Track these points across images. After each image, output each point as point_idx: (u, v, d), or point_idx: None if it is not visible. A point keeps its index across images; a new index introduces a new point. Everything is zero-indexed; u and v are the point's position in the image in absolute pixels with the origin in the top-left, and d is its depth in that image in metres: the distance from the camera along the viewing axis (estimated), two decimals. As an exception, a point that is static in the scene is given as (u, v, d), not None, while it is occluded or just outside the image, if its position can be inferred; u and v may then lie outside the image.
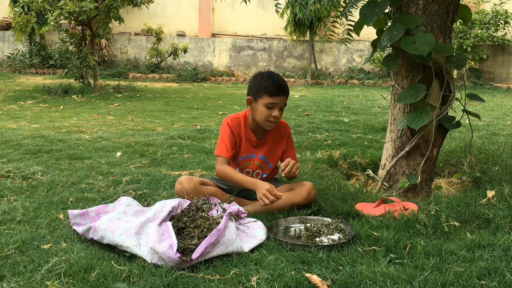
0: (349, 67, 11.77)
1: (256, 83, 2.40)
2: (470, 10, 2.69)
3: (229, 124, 2.47)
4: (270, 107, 2.37)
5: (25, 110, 6.17)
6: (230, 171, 2.36)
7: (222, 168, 2.38)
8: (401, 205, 2.26)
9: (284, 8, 9.74)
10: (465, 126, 3.93)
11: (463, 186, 2.85)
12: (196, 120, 5.45)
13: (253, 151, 2.52)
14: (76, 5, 7.26)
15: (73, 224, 2.08)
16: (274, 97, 2.36)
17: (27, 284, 1.61)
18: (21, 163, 3.27)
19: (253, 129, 2.51)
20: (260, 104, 2.38)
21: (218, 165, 2.40)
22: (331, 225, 2.11)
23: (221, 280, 1.64)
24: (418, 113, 2.42)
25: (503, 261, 1.78)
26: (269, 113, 2.38)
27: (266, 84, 2.36)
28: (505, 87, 10.10)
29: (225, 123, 2.48)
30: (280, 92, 2.37)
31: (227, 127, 2.46)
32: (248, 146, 2.51)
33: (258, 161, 2.53)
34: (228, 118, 2.50)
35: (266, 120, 2.40)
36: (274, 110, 2.38)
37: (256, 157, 2.53)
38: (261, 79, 2.40)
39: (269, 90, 2.35)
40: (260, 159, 2.53)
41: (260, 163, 2.54)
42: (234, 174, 2.35)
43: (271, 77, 2.39)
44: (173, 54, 11.36)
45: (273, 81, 2.37)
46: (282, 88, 2.38)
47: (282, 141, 2.57)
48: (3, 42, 12.92)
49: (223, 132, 2.46)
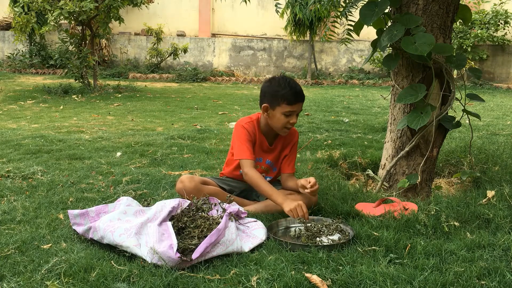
0: (349, 67, 11.77)
1: (273, 91, 2.36)
2: (470, 10, 2.69)
3: (245, 128, 2.43)
4: (288, 115, 2.36)
5: (25, 110, 6.17)
6: (260, 178, 2.29)
7: (251, 172, 2.31)
8: (401, 205, 2.26)
9: (284, 8, 9.74)
10: (465, 126, 3.93)
11: (463, 186, 2.85)
12: (196, 120, 5.45)
13: (262, 155, 2.51)
14: (76, 5, 7.26)
15: (73, 224, 2.08)
16: (293, 105, 2.34)
17: (27, 284, 1.61)
18: (21, 163, 3.27)
19: (264, 134, 2.49)
20: (278, 112, 2.35)
21: (246, 168, 2.32)
22: (331, 225, 2.11)
23: (221, 280, 1.64)
24: (418, 113, 2.42)
25: (503, 261, 1.78)
26: (287, 121, 2.36)
27: (284, 92, 2.32)
28: (505, 87, 10.10)
29: (241, 126, 2.43)
30: (299, 100, 2.36)
31: (244, 130, 2.42)
32: (259, 150, 2.49)
33: (265, 166, 2.53)
34: (243, 121, 2.46)
35: (283, 127, 2.39)
36: (292, 118, 2.37)
37: (263, 162, 2.52)
38: (278, 86, 2.35)
39: (288, 99, 2.32)
40: (267, 164, 2.53)
41: (267, 167, 2.53)
42: (263, 183, 2.27)
43: (288, 84, 2.34)
44: (173, 54, 11.35)
45: (291, 89, 2.33)
46: (300, 95, 2.36)
47: (289, 146, 2.56)
48: (3, 42, 12.92)
49: (241, 135, 2.41)
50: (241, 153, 2.36)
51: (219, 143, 4.11)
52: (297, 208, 2.11)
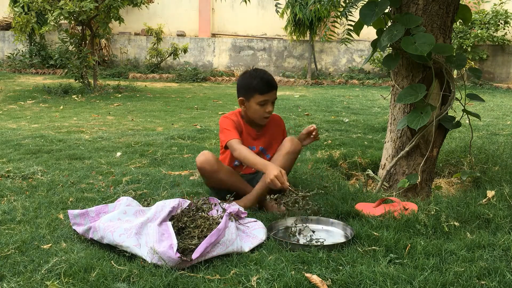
0: (349, 67, 11.77)
1: (246, 83, 2.50)
2: (470, 10, 2.70)
3: (229, 117, 2.54)
4: (263, 104, 2.48)
5: (25, 110, 6.17)
6: (247, 150, 2.35)
7: (239, 146, 2.36)
8: (401, 205, 2.26)
9: (284, 8, 9.74)
10: (465, 126, 3.92)
11: (463, 186, 2.85)
12: (196, 120, 5.45)
13: (253, 143, 2.57)
14: (76, 5, 7.26)
15: (73, 224, 2.08)
16: (265, 94, 2.47)
17: (27, 284, 1.61)
18: (21, 163, 3.27)
19: (249, 123, 2.59)
20: (253, 103, 2.49)
21: (235, 145, 2.37)
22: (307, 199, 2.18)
23: (221, 280, 1.64)
24: (418, 113, 2.42)
25: (503, 261, 1.78)
26: (263, 110, 2.49)
27: (256, 83, 2.47)
28: (505, 87, 10.09)
29: (225, 117, 2.55)
30: (270, 89, 2.49)
31: (228, 119, 2.53)
32: (249, 139, 2.57)
33: (257, 153, 2.56)
34: (225, 115, 2.57)
35: (261, 117, 2.52)
36: (267, 106, 2.50)
37: (257, 149, 2.58)
38: (250, 78, 2.49)
39: (260, 89, 2.46)
40: (260, 151, 2.59)
41: (259, 153, 2.58)
42: (249, 153, 2.32)
43: (258, 75, 2.48)
44: (173, 54, 11.35)
45: (261, 79, 2.47)
46: (271, 84, 2.49)
47: (279, 134, 2.68)
48: (3, 42, 12.92)
49: (226, 123, 2.49)
50: (228, 136, 2.43)
51: (219, 143, 4.11)
52: (277, 177, 2.12)
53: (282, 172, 2.14)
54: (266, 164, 2.22)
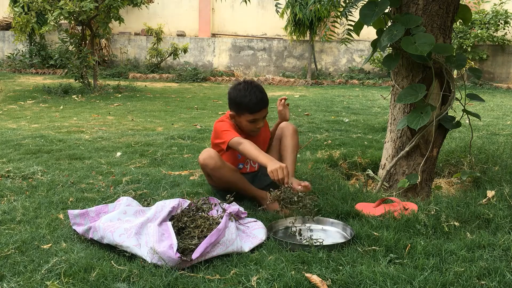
0: (349, 67, 11.77)
1: (237, 101, 2.46)
2: (470, 10, 2.69)
3: (223, 121, 2.54)
4: (253, 122, 2.48)
5: (25, 110, 6.17)
6: (250, 144, 2.33)
7: (244, 141, 2.34)
8: (401, 205, 2.26)
9: (284, 8, 9.74)
10: (465, 126, 3.93)
11: (463, 186, 2.85)
12: (196, 120, 5.45)
13: None
14: (76, 5, 7.26)
15: (73, 224, 2.08)
16: (255, 113, 2.45)
17: (27, 284, 1.61)
18: (21, 163, 3.27)
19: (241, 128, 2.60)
20: (244, 120, 2.49)
21: (239, 141, 2.36)
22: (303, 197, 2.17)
23: (221, 280, 1.64)
24: (418, 113, 2.42)
25: (503, 261, 1.78)
26: (253, 126, 2.50)
27: (247, 102, 2.42)
28: (505, 87, 10.09)
29: (220, 120, 2.55)
30: (262, 107, 2.46)
31: (225, 122, 2.52)
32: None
33: None
34: (218, 120, 2.57)
35: (251, 131, 2.53)
36: (258, 123, 2.50)
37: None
38: (241, 96, 2.44)
39: (250, 109, 2.44)
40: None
41: None
42: (253, 148, 2.31)
43: (250, 92, 2.43)
44: (173, 54, 11.35)
45: (251, 99, 2.42)
46: (261, 103, 2.46)
47: (265, 132, 2.73)
48: (3, 42, 12.92)
49: (223, 126, 2.49)
50: (229, 135, 2.41)
51: (219, 143, 4.11)
52: (278, 170, 2.13)
53: (284, 167, 2.14)
54: (270, 159, 2.22)
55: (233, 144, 2.38)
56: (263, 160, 2.23)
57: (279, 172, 2.12)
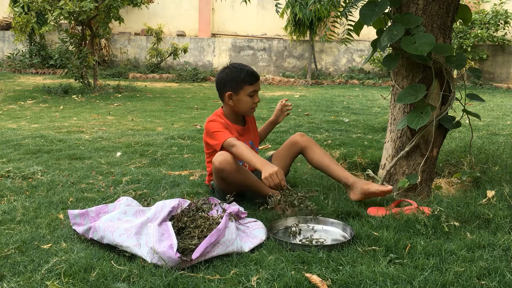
0: (349, 67, 11.77)
1: (233, 77, 2.53)
2: (470, 10, 2.69)
3: (215, 120, 2.54)
4: (252, 95, 2.55)
5: (25, 110, 6.17)
6: (244, 147, 2.33)
7: (238, 143, 2.34)
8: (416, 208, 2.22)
9: (284, 8, 9.74)
10: (465, 126, 3.93)
11: (463, 186, 2.85)
12: (196, 120, 5.45)
13: (242, 139, 2.56)
14: (76, 5, 7.26)
15: (73, 224, 2.08)
16: (254, 84, 2.54)
17: (27, 284, 1.61)
18: (21, 163, 3.27)
19: (233, 121, 2.62)
20: (243, 95, 2.54)
21: (232, 142, 2.36)
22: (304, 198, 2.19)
23: (221, 280, 1.64)
24: (418, 113, 2.42)
25: (503, 261, 1.78)
26: (252, 101, 2.56)
27: (243, 75, 2.52)
28: (505, 87, 10.09)
29: (211, 121, 2.54)
30: (257, 79, 2.56)
31: (215, 122, 2.52)
32: (237, 136, 2.56)
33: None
34: (210, 118, 2.57)
35: (250, 108, 2.58)
36: (256, 97, 2.57)
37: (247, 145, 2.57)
38: (236, 72, 2.53)
39: (249, 80, 2.53)
40: (250, 145, 2.63)
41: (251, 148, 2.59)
42: (247, 151, 2.30)
43: (242, 68, 2.55)
44: (173, 54, 11.35)
45: (247, 71, 2.54)
46: (256, 74, 2.57)
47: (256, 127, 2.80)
48: (3, 42, 12.92)
49: (215, 126, 2.49)
50: (222, 136, 2.42)
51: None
52: (272, 176, 2.11)
53: (279, 171, 2.12)
54: (264, 163, 2.20)
55: (227, 145, 2.38)
56: (257, 164, 2.22)
57: (273, 178, 2.11)
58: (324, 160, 2.55)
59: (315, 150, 2.58)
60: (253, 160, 2.25)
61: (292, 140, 2.65)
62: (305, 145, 2.59)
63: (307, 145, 2.59)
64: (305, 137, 2.63)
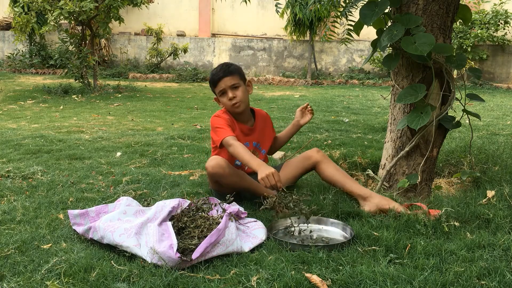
0: (349, 67, 11.77)
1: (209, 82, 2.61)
2: (470, 10, 2.69)
3: (220, 116, 2.55)
4: (222, 94, 2.54)
5: (25, 110, 6.17)
6: (241, 147, 2.32)
7: (235, 143, 2.34)
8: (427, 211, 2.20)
9: (284, 8, 9.74)
10: (465, 126, 3.93)
11: (463, 186, 2.85)
12: (196, 120, 5.45)
13: (246, 139, 2.58)
14: (76, 5, 7.26)
15: (73, 224, 2.08)
16: (217, 85, 2.55)
17: (27, 284, 1.61)
18: (21, 163, 3.27)
19: (240, 120, 2.62)
20: (219, 97, 2.58)
21: (230, 141, 2.36)
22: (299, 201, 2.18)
23: (221, 280, 1.64)
24: (418, 113, 2.42)
25: (503, 261, 1.78)
26: (226, 99, 2.54)
27: (210, 79, 2.59)
28: (505, 87, 10.09)
29: (216, 116, 2.56)
30: (219, 78, 2.52)
31: (220, 117, 2.53)
32: (241, 135, 2.57)
33: (252, 148, 2.61)
34: (215, 114, 2.59)
35: (231, 106, 2.54)
36: (226, 94, 2.54)
37: (250, 145, 2.60)
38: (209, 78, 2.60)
39: (212, 82, 2.57)
40: (254, 146, 2.62)
41: (254, 150, 2.61)
42: (243, 151, 2.30)
43: (214, 69, 2.57)
44: (173, 54, 11.35)
45: (211, 75, 2.57)
46: (217, 74, 2.53)
47: (268, 129, 2.76)
48: (3, 42, 12.92)
49: (218, 122, 2.50)
50: (222, 134, 2.42)
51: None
52: (268, 177, 2.10)
53: (275, 172, 2.12)
54: (260, 164, 2.19)
55: (225, 144, 2.39)
56: (253, 165, 2.21)
57: (269, 179, 2.10)
58: (338, 174, 2.51)
59: (329, 165, 2.54)
60: (250, 161, 2.24)
61: (308, 154, 2.62)
62: (319, 160, 2.56)
63: (321, 160, 2.56)
64: (320, 153, 2.59)
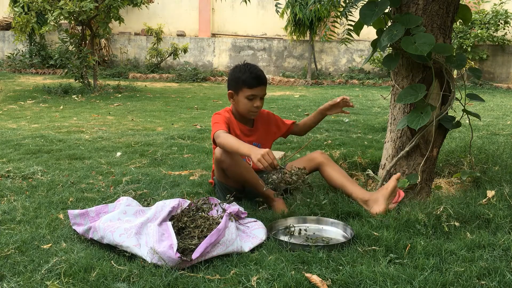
0: (349, 67, 11.77)
1: (235, 77, 2.52)
2: (470, 10, 2.69)
3: (220, 113, 2.55)
4: (251, 99, 2.49)
5: (25, 110, 6.17)
6: (229, 136, 2.30)
7: (222, 134, 2.31)
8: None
9: (284, 8, 9.74)
10: (465, 126, 3.93)
11: (463, 186, 2.85)
12: (196, 120, 5.45)
13: (246, 140, 2.56)
14: (76, 5, 7.26)
15: (73, 224, 2.08)
16: (253, 89, 2.48)
17: (27, 284, 1.61)
18: (21, 163, 3.27)
19: (240, 120, 2.60)
20: (242, 97, 2.50)
21: (219, 133, 2.34)
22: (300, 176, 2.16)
23: (221, 280, 1.64)
24: (418, 113, 2.42)
25: (503, 261, 1.78)
26: (251, 104, 2.50)
27: (245, 77, 2.47)
28: (505, 87, 10.09)
29: (216, 114, 2.55)
30: (259, 83, 2.49)
31: (219, 115, 2.53)
32: (241, 135, 2.56)
33: None
34: (217, 112, 2.58)
35: (249, 111, 2.52)
36: (255, 101, 2.50)
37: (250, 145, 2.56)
38: (239, 72, 2.50)
39: (248, 83, 2.47)
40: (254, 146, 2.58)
41: None
42: (232, 139, 2.27)
43: (248, 69, 2.49)
44: (173, 54, 11.36)
45: (250, 74, 2.48)
46: (260, 79, 2.49)
47: (271, 127, 2.74)
48: (3, 42, 12.92)
49: (215, 118, 2.50)
50: (215, 128, 2.39)
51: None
52: (264, 156, 2.06)
53: (269, 151, 2.08)
54: (251, 147, 2.15)
55: (215, 137, 2.36)
56: (244, 150, 2.17)
57: (266, 158, 2.06)
58: (340, 177, 2.51)
59: (332, 167, 2.54)
60: (239, 147, 2.20)
61: (312, 155, 2.62)
62: (322, 162, 2.56)
63: (325, 162, 2.56)
64: (324, 155, 2.60)
